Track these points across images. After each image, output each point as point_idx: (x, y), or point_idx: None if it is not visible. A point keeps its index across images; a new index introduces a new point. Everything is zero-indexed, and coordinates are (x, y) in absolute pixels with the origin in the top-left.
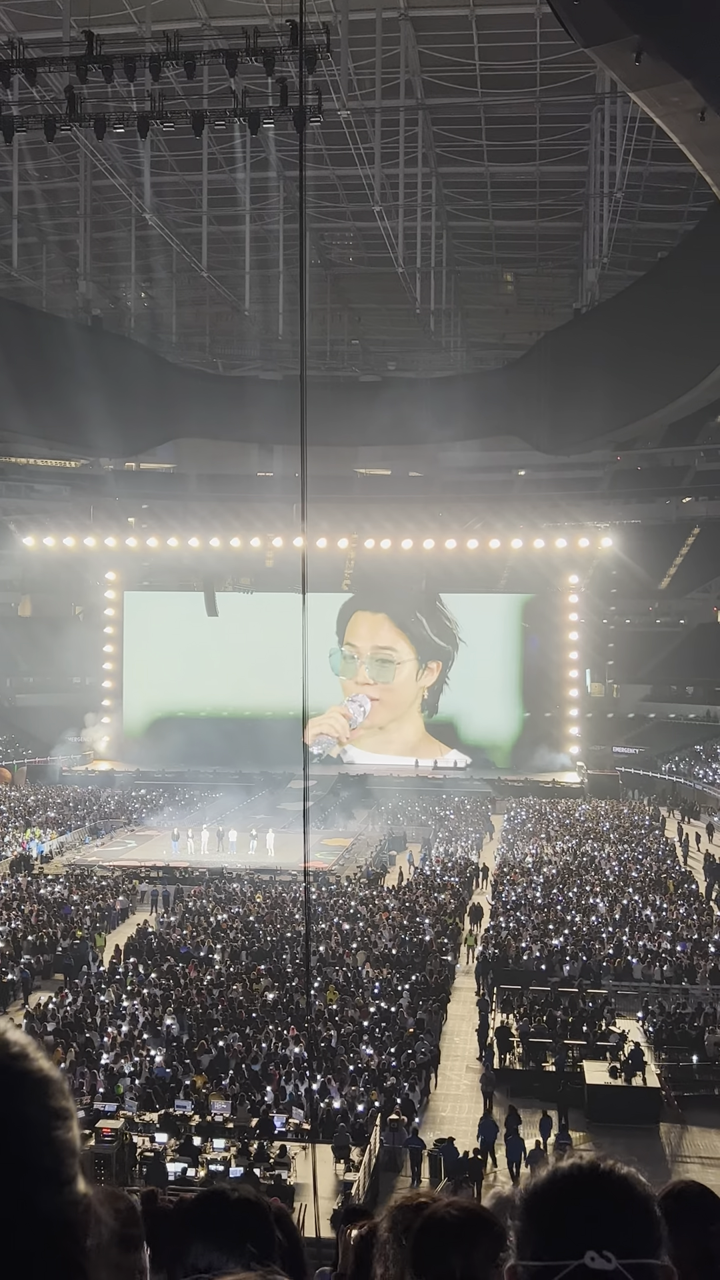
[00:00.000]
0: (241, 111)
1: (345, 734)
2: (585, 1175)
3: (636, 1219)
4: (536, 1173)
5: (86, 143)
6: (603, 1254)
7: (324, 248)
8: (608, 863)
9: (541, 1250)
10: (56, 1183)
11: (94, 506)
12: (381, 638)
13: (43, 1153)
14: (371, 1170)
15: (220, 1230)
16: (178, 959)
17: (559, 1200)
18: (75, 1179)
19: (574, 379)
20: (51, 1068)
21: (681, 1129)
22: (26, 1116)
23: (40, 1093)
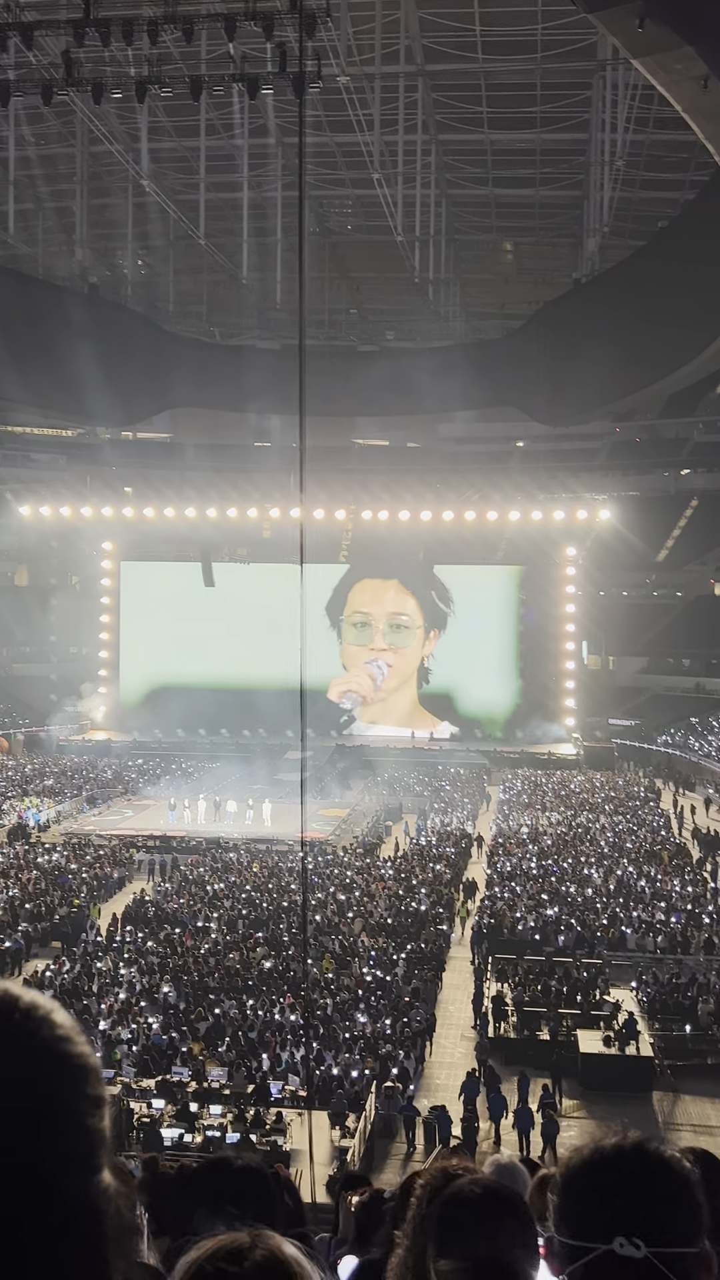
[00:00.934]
0: (240, 77)
1: (371, 692)
2: (625, 1156)
3: (674, 1205)
4: (579, 1148)
5: (83, 108)
6: (632, 1241)
7: (322, 215)
8: (603, 834)
9: (575, 1228)
10: (86, 1170)
11: (90, 476)
12: (397, 603)
13: (76, 1139)
14: (367, 1137)
15: (224, 1197)
16: (175, 927)
17: (596, 1179)
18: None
19: (573, 349)
20: (91, 1054)
21: (674, 1097)
22: (65, 1102)
23: (80, 1079)
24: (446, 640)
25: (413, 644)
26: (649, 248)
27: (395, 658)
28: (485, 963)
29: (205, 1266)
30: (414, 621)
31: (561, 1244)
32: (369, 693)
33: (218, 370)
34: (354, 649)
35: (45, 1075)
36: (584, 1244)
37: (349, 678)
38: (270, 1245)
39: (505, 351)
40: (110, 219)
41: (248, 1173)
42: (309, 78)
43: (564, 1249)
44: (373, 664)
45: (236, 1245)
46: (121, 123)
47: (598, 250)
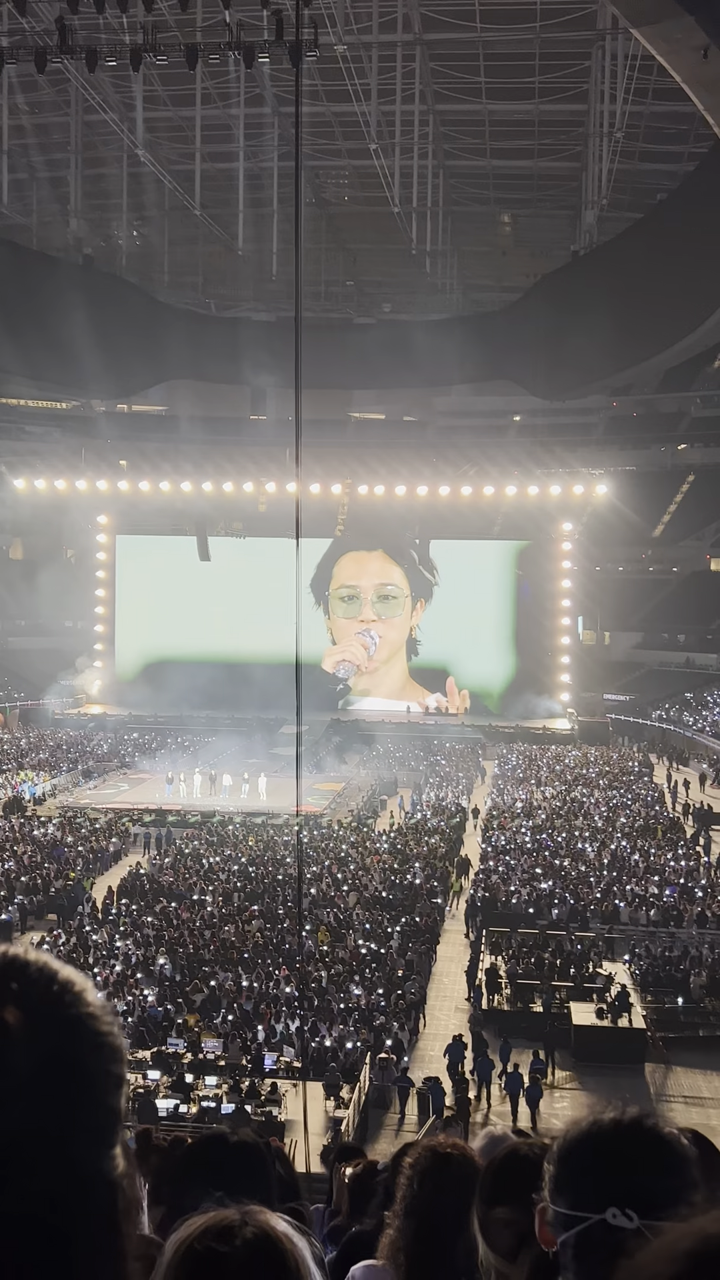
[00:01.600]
0: (236, 45)
1: (365, 662)
2: (623, 1130)
3: (669, 1180)
4: (578, 1120)
5: (78, 76)
6: (625, 1212)
7: (319, 186)
8: (597, 808)
9: (571, 1198)
10: (103, 1144)
11: (85, 448)
12: (383, 574)
13: (97, 1113)
14: (361, 1108)
15: (220, 1173)
16: (170, 900)
17: (594, 1151)
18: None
19: (571, 323)
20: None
21: (666, 1069)
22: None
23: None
24: (442, 615)
25: (401, 614)
26: (647, 220)
27: (384, 628)
28: (479, 936)
29: (195, 1245)
30: (401, 591)
31: (556, 1213)
32: (363, 662)
33: (213, 342)
34: (343, 622)
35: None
36: (578, 1213)
37: (342, 647)
38: (260, 1222)
39: (502, 324)
40: (105, 189)
41: (243, 1148)
42: (305, 46)
43: (558, 1218)
44: (364, 634)
45: (226, 1223)
46: (116, 91)
47: (596, 223)
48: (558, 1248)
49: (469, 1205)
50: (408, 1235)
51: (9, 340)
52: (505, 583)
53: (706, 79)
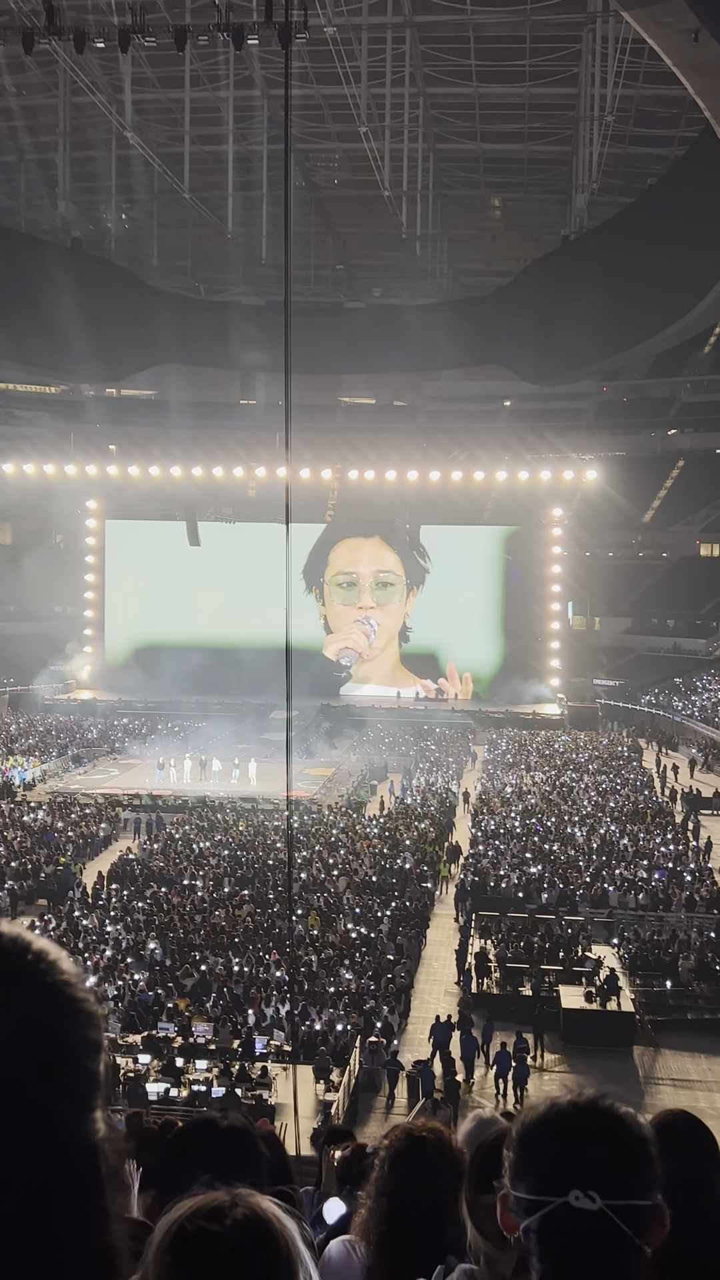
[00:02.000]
0: (225, 27)
1: (366, 649)
2: (580, 1111)
3: (628, 1159)
4: (534, 1105)
5: (66, 57)
6: (588, 1194)
7: (309, 169)
8: (586, 793)
9: (531, 1183)
10: (83, 1108)
11: (74, 433)
12: (381, 560)
13: (78, 1079)
14: (351, 1091)
15: (210, 1157)
16: (161, 885)
17: (552, 1134)
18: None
19: (561, 307)
20: (94, 1002)
21: (654, 1052)
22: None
23: (83, 1022)
24: (432, 600)
25: (397, 601)
26: (638, 205)
27: (382, 615)
28: (469, 920)
29: (186, 1225)
30: (398, 578)
31: (517, 1198)
32: (364, 650)
33: (203, 326)
34: (341, 609)
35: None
36: (540, 1197)
37: (344, 635)
38: (250, 1203)
39: (493, 309)
40: (93, 172)
41: (232, 1132)
42: (295, 28)
43: (520, 1203)
44: (364, 622)
45: (216, 1204)
46: (105, 73)
47: (586, 207)
48: (520, 1234)
49: (440, 1187)
50: (378, 1215)
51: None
52: (495, 568)
53: (697, 62)
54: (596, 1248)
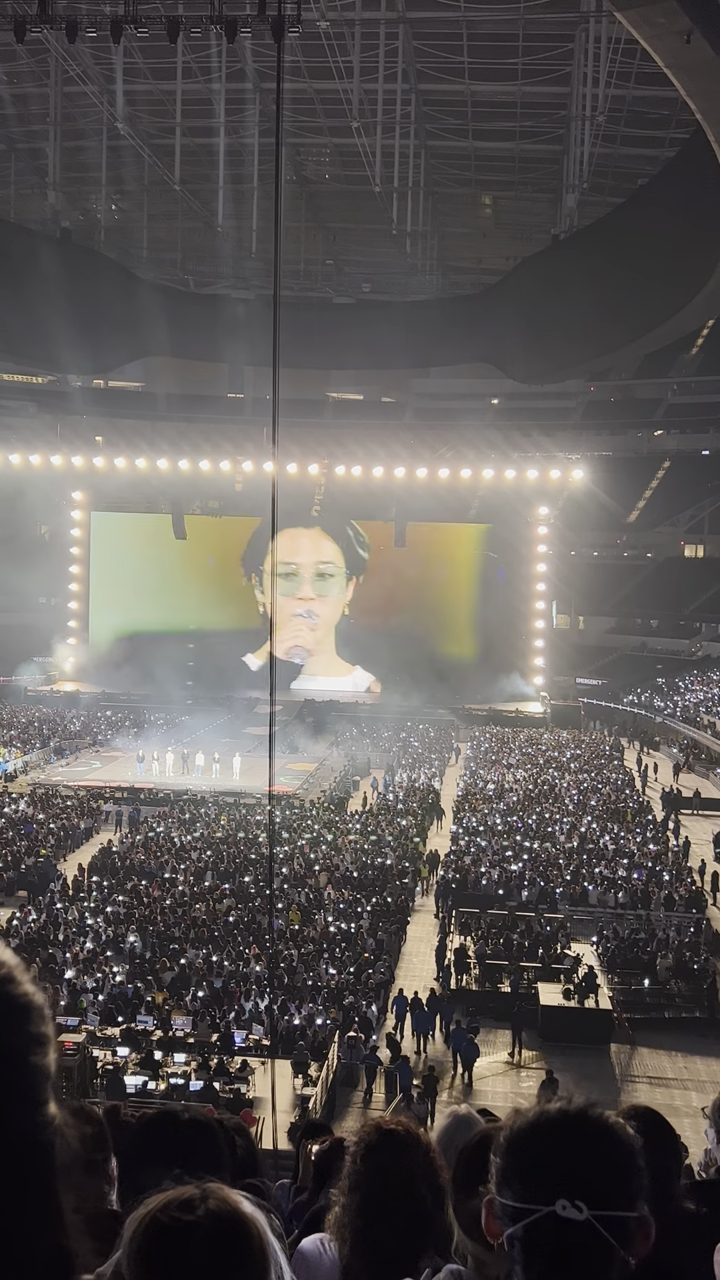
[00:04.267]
0: (218, 19)
1: (312, 643)
2: (569, 1120)
3: (615, 1169)
4: (523, 1111)
5: (57, 47)
6: (575, 1203)
7: (300, 164)
8: (567, 791)
9: (518, 1190)
10: (29, 1105)
11: (60, 424)
12: (320, 551)
13: (16, 1075)
14: (329, 1085)
15: (172, 1151)
16: (141, 878)
17: (540, 1143)
18: (47, 1102)
19: (550, 306)
20: (35, 992)
21: (631, 1050)
22: (6, 1040)
23: (20, 1018)
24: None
25: (336, 591)
26: (628, 205)
27: (320, 606)
28: (449, 916)
29: (159, 1217)
30: (338, 569)
31: (504, 1205)
32: (311, 643)
33: (191, 319)
34: (281, 599)
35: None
36: (527, 1205)
37: (291, 633)
38: (222, 1195)
39: (481, 307)
40: (84, 162)
41: (195, 1126)
42: (288, 22)
43: (505, 1210)
44: (303, 614)
45: (188, 1196)
46: (96, 63)
47: (577, 206)
48: (504, 1240)
49: (413, 1179)
50: (350, 1210)
51: None
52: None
53: (689, 64)
54: (581, 1258)
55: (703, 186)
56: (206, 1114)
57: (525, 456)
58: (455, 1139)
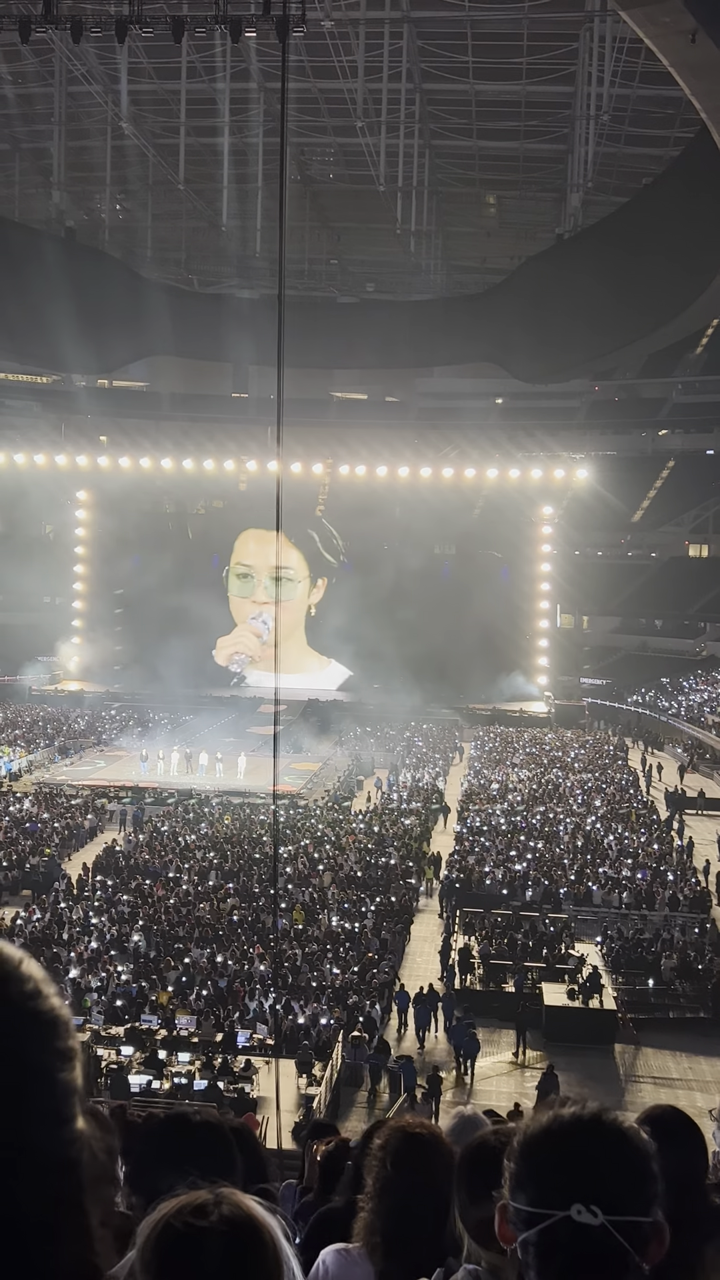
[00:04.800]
0: (223, 19)
1: (258, 650)
2: (584, 1125)
3: (630, 1175)
4: (537, 1116)
5: (62, 46)
6: (590, 1208)
7: (304, 163)
8: (572, 791)
9: (532, 1195)
10: (56, 1122)
11: (65, 424)
12: (280, 556)
13: (44, 1094)
14: (333, 1085)
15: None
16: (146, 877)
17: (554, 1148)
18: (74, 1118)
19: (554, 306)
20: (62, 1005)
21: (635, 1050)
22: (31, 1058)
23: (48, 1034)
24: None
25: (296, 596)
26: (632, 204)
27: (279, 610)
28: (453, 916)
29: (173, 1223)
30: (298, 574)
31: (517, 1210)
32: (256, 651)
33: (196, 319)
34: (238, 600)
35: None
36: (541, 1210)
37: (234, 638)
38: (235, 1200)
39: (486, 306)
40: (88, 162)
41: (207, 1129)
42: (293, 21)
43: (519, 1215)
44: (256, 619)
45: (201, 1201)
46: (101, 63)
47: (581, 206)
48: (517, 1245)
49: (442, 1185)
50: (383, 1216)
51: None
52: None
53: (693, 63)
54: (597, 1263)
55: (707, 185)
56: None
57: (529, 456)
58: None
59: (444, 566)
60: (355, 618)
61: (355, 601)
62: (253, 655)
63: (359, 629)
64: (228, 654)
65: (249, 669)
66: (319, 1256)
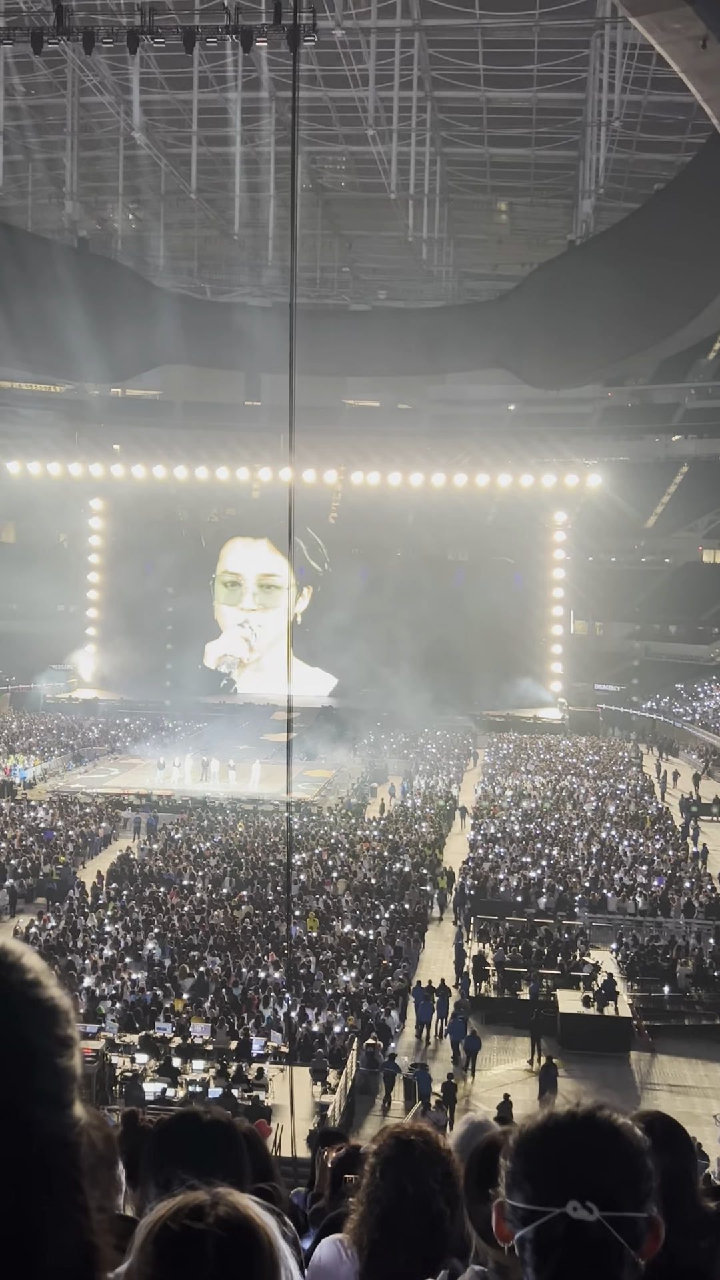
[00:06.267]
0: (234, 28)
1: (246, 655)
2: (579, 1123)
3: (625, 1171)
4: (533, 1114)
5: (74, 57)
6: (585, 1204)
7: (315, 171)
8: (586, 798)
9: (529, 1192)
10: (56, 1106)
11: (78, 432)
12: (267, 563)
13: (45, 1078)
14: (347, 1093)
15: (192, 1151)
16: (160, 885)
17: (550, 1145)
18: (73, 1103)
19: (566, 312)
20: (61, 996)
21: (651, 1057)
22: (33, 1043)
23: (48, 1021)
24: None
25: (283, 603)
26: (644, 210)
27: (265, 617)
28: (467, 923)
29: (170, 1224)
30: (284, 582)
31: (514, 1208)
32: (244, 655)
33: (208, 327)
34: (225, 608)
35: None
36: (537, 1207)
37: (223, 642)
38: (231, 1201)
39: (498, 313)
40: (100, 172)
41: (215, 1128)
42: (304, 31)
43: (516, 1212)
44: (244, 626)
45: (198, 1202)
46: (113, 73)
47: (593, 212)
48: (514, 1242)
49: (430, 1190)
50: (370, 1221)
51: (2, 322)
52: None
53: (704, 69)
54: (593, 1259)
55: (719, 190)
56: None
57: (542, 462)
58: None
59: (457, 573)
60: (367, 624)
61: (368, 608)
62: (241, 659)
63: (371, 635)
64: (217, 657)
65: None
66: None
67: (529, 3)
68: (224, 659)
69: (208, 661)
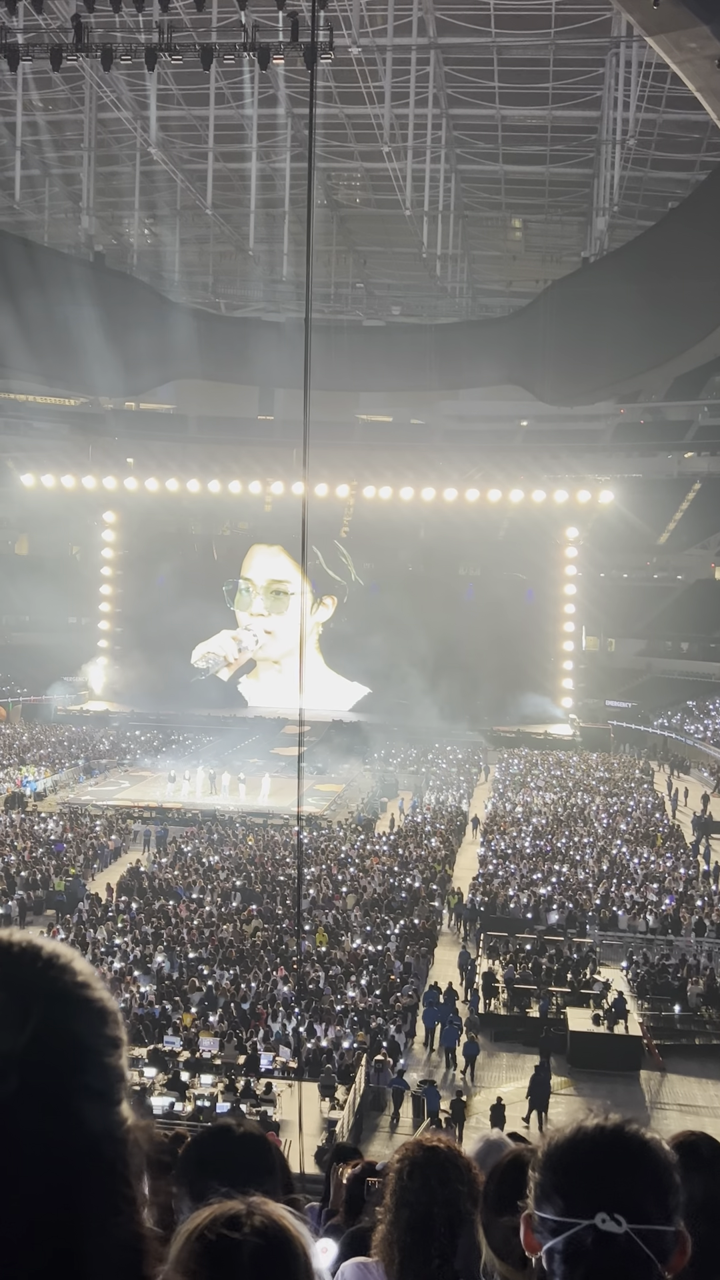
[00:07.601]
0: (251, 46)
1: (233, 655)
2: (607, 1136)
3: (653, 1184)
4: (561, 1127)
5: (92, 74)
6: (614, 1217)
7: (331, 188)
8: (597, 815)
9: (559, 1204)
10: (106, 1103)
11: (92, 446)
12: (280, 570)
13: (95, 1075)
14: (356, 1109)
15: (228, 1163)
16: (169, 898)
17: (578, 1158)
18: (122, 1101)
19: (580, 329)
20: (110, 998)
21: (661, 1077)
22: (85, 1041)
23: (98, 1021)
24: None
25: (292, 611)
26: (658, 228)
27: (272, 623)
28: (477, 940)
29: (206, 1233)
30: (296, 589)
31: (543, 1219)
32: (231, 655)
33: (222, 342)
34: (239, 613)
35: (67, 1018)
36: (566, 1219)
37: (211, 641)
38: (267, 1211)
39: (512, 330)
40: (117, 187)
41: (250, 1140)
42: (321, 48)
43: (544, 1224)
44: (245, 630)
45: (234, 1212)
46: (130, 89)
47: (607, 229)
48: (542, 1254)
49: (459, 1196)
50: (400, 1227)
51: (19, 336)
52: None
53: (719, 88)
54: (620, 1271)
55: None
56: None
57: (554, 479)
58: (486, 1163)
59: (468, 588)
60: (378, 638)
61: (378, 622)
62: (226, 658)
63: (382, 649)
64: (201, 654)
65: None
66: (339, 1269)
67: (544, 22)
68: (207, 656)
69: (193, 659)
